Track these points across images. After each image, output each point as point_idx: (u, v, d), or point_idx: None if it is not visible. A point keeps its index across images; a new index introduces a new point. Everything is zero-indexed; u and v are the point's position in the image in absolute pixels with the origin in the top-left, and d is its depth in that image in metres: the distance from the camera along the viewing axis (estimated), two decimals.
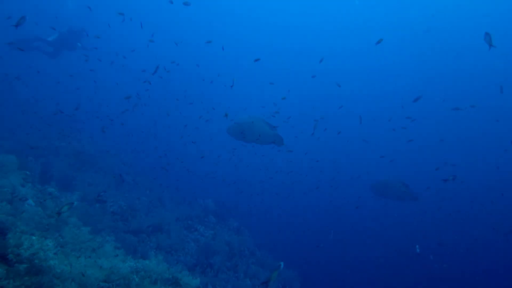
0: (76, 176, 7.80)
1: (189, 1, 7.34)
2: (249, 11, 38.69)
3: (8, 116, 15.39)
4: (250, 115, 6.22)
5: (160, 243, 6.13)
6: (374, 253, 18.10)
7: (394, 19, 34.48)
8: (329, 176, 17.94)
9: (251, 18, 39.43)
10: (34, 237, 4.39)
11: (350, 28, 36.63)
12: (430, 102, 33.08)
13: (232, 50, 36.48)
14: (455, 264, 16.17)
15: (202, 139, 19.95)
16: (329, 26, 37.50)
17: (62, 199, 6.23)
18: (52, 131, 12.55)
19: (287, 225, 17.45)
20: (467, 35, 33.30)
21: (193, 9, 37.37)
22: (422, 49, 35.48)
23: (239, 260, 7.34)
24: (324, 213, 18.79)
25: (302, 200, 17.82)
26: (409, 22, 33.66)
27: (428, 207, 21.57)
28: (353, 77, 37.88)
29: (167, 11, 36.72)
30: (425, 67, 36.74)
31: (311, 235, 18.79)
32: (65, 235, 4.76)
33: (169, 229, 6.81)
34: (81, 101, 14.22)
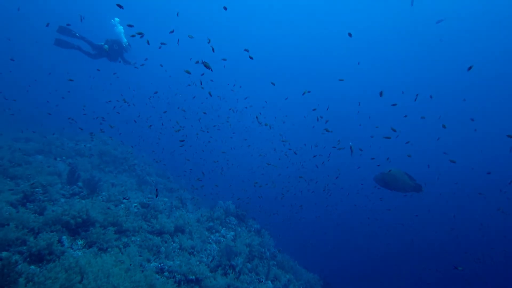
0: (101, 177, 8.00)
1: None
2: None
3: (37, 117, 16.07)
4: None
5: (182, 244, 6.19)
6: (395, 258, 17.77)
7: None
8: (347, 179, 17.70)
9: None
10: (64, 237, 4.54)
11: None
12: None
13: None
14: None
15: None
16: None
17: (89, 199, 6.41)
18: (78, 132, 12.98)
19: (308, 229, 17.34)
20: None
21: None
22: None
23: (259, 262, 7.32)
24: (343, 217, 18.59)
25: (323, 205, 17.66)
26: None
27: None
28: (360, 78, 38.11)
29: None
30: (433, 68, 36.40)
31: (332, 239, 18.61)
32: (92, 235, 4.88)
33: (191, 230, 6.87)
34: (105, 103, 14.64)
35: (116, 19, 12.11)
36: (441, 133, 31.27)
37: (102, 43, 10.34)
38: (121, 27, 12.16)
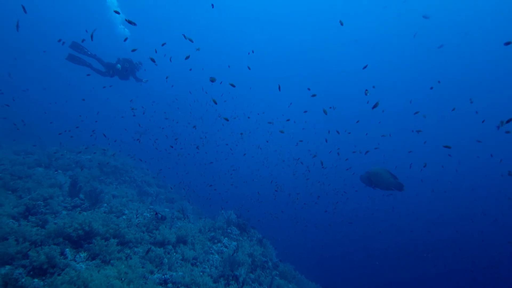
0: (102, 188, 7.99)
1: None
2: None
3: (39, 130, 16.12)
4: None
5: (185, 254, 6.16)
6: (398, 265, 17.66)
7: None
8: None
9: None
10: (67, 249, 4.52)
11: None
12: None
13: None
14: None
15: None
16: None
17: (91, 211, 6.38)
18: (77, 144, 13.00)
19: (310, 238, 17.26)
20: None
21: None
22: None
23: (262, 272, 7.27)
24: (346, 225, 18.51)
25: (325, 214, 17.63)
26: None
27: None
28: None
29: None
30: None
31: (334, 247, 18.52)
32: (95, 247, 4.86)
33: (193, 241, 6.85)
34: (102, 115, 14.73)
35: None
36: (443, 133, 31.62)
37: (114, 62, 10.36)
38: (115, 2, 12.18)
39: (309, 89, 11.50)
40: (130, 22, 4.60)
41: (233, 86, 5.49)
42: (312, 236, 17.51)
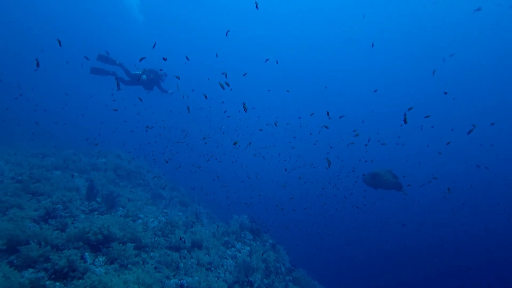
0: (119, 192, 8.09)
1: None
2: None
3: (57, 132, 16.47)
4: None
5: (200, 259, 6.18)
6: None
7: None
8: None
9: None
10: (86, 253, 4.58)
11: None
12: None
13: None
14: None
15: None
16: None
17: (108, 215, 6.47)
18: (93, 147, 13.22)
19: (322, 242, 17.14)
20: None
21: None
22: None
23: (275, 278, 7.25)
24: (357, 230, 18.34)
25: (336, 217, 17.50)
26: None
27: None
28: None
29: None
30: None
31: (347, 251, 18.35)
32: (113, 251, 4.93)
33: (207, 246, 6.87)
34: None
35: None
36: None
37: (139, 72, 10.44)
38: None
39: (326, 87, 11.47)
40: (164, 60, 4.96)
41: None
42: (326, 243, 17.37)
